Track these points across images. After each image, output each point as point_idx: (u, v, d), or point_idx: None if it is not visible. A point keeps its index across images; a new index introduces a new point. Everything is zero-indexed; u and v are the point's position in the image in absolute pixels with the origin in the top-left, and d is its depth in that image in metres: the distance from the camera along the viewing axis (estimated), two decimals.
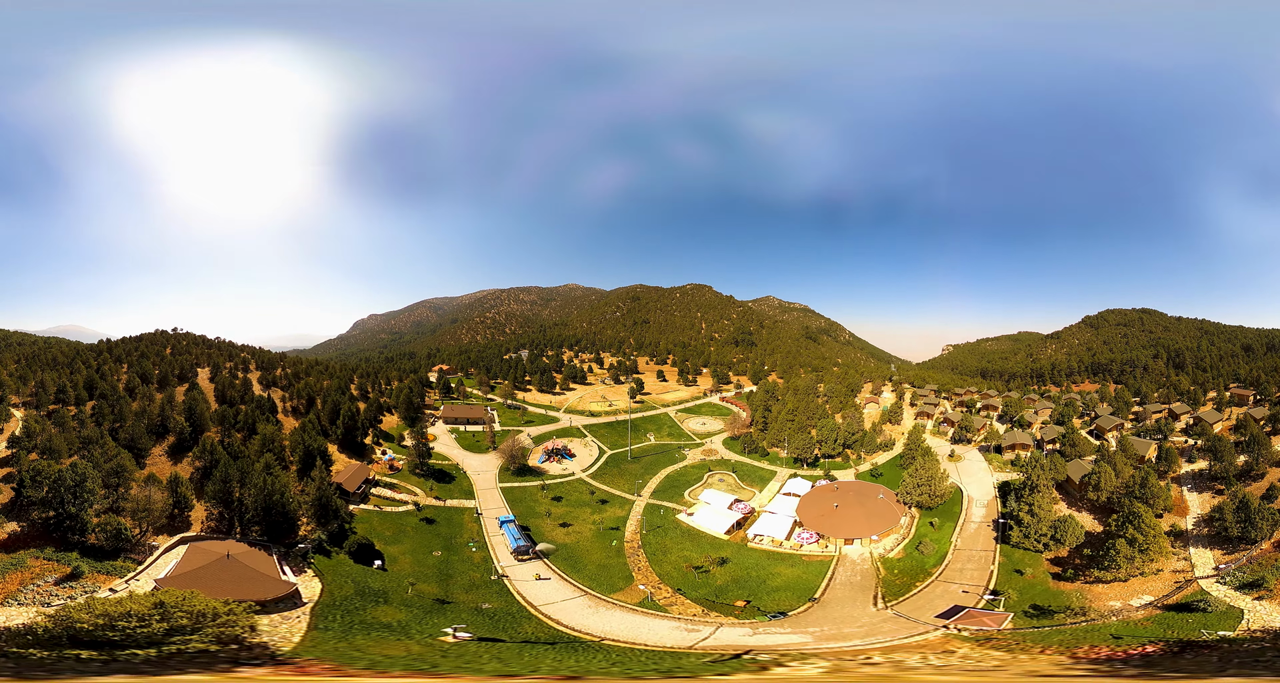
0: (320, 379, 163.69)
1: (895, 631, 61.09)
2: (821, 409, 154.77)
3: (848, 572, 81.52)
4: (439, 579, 76.54)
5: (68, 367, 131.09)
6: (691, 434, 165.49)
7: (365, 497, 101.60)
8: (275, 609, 56.04)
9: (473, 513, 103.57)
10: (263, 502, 74.57)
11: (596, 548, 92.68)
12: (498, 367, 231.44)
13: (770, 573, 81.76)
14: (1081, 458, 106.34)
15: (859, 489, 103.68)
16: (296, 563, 70.85)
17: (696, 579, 79.83)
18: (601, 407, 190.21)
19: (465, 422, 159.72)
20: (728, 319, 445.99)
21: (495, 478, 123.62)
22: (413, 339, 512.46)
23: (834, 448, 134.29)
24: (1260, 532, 69.06)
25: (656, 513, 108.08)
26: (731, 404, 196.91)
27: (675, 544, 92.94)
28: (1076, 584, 69.19)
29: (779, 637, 62.69)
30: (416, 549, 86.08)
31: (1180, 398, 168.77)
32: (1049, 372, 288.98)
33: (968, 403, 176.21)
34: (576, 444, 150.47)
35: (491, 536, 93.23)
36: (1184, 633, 51.12)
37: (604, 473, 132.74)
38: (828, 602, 72.72)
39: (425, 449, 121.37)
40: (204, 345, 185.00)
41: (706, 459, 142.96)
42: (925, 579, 76.49)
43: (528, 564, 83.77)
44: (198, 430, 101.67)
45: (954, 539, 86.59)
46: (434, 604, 66.14)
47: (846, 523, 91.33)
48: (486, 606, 67.73)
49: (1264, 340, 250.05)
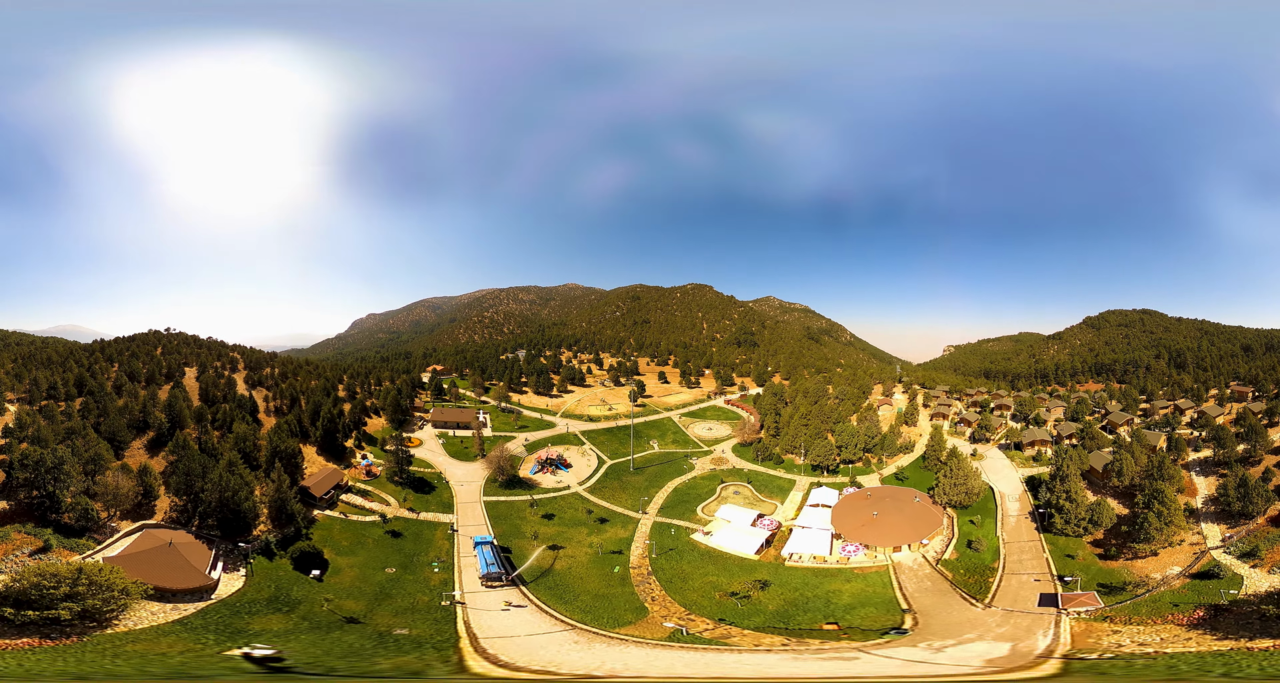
0: (308, 379, 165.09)
1: (1033, 625, 60.66)
2: (836, 413, 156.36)
3: (913, 579, 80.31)
4: (374, 598, 72.30)
5: (61, 365, 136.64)
6: (698, 441, 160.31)
7: (333, 503, 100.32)
8: (181, 599, 61.23)
9: (447, 529, 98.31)
10: (216, 498, 77.69)
11: (593, 575, 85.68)
12: (493, 367, 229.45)
13: (829, 591, 78.28)
14: (1101, 449, 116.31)
15: (893, 494, 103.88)
16: (235, 561, 74.02)
17: (740, 607, 73.56)
18: (601, 411, 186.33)
19: (455, 426, 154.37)
20: (729, 319, 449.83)
21: (480, 490, 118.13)
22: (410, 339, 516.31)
23: (855, 453, 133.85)
24: (1257, 507, 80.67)
25: (666, 533, 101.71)
26: (738, 408, 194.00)
27: (695, 569, 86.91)
28: (1120, 562, 78.42)
29: (954, 651, 55.00)
30: (369, 564, 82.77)
31: (1184, 395, 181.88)
32: (1053, 372, 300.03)
33: (981, 403, 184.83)
34: (573, 453, 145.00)
35: (463, 556, 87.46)
36: (1210, 598, 60.87)
37: (603, 486, 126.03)
38: (922, 611, 70.42)
39: (405, 456, 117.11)
40: (194, 345, 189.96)
41: (717, 469, 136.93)
42: (993, 575, 79.08)
43: (501, 592, 76.71)
44: (177, 427, 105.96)
45: (999, 534, 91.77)
46: (339, 622, 62.33)
47: (891, 530, 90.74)
48: (402, 631, 61.48)
49: (1263, 340, 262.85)
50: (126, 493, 77.61)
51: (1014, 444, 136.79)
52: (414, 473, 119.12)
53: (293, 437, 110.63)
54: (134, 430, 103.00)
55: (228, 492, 78.38)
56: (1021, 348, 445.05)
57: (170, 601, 60.14)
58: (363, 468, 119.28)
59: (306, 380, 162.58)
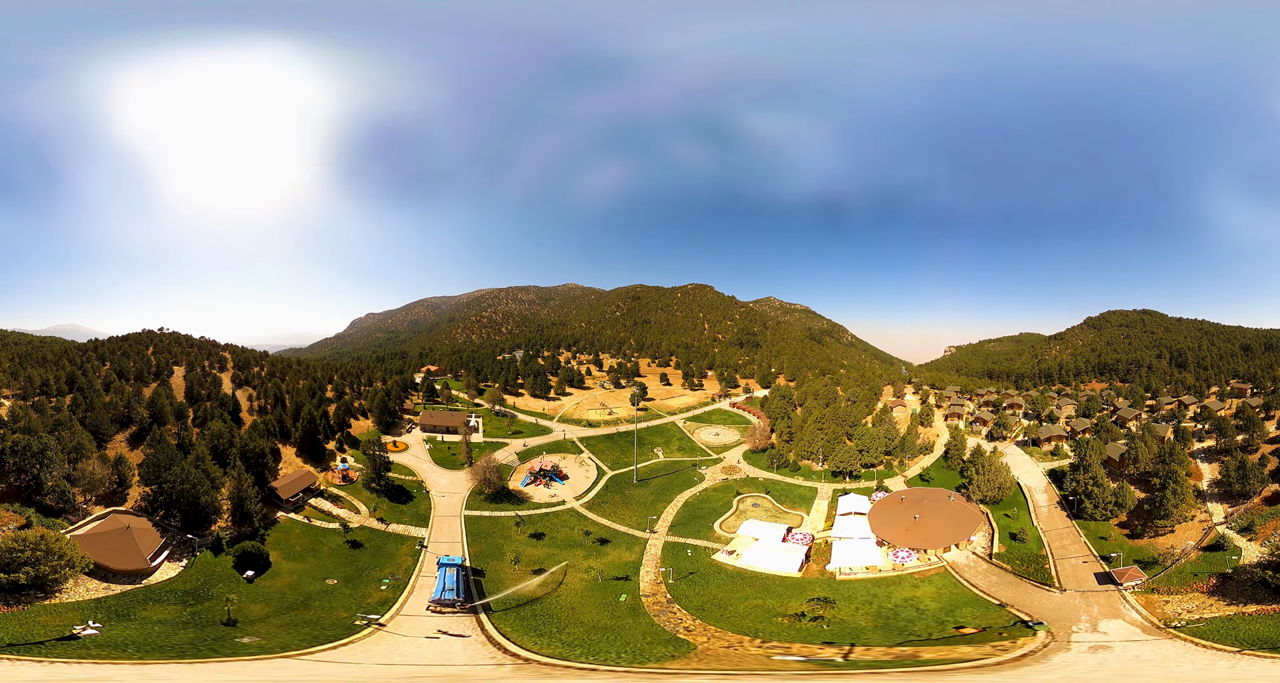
0: (295, 379, 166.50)
1: (1109, 602, 68.87)
2: (851, 416, 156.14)
3: (977, 575, 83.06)
4: (288, 607, 69.89)
5: (55, 364, 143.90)
6: (706, 447, 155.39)
7: (300, 506, 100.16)
8: (118, 580, 68.85)
9: (415, 544, 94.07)
10: (175, 490, 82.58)
11: (590, 605, 77.82)
12: (489, 368, 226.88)
13: (906, 599, 76.60)
14: (1115, 441, 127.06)
15: (926, 496, 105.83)
16: (183, 552, 79.21)
17: (813, 628, 67.67)
18: (600, 415, 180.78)
19: (445, 430, 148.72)
20: (730, 320, 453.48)
21: (462, 503, 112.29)
22: (408, 339, 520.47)
23: (876, 457, 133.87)
24: (1254, 488, 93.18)
25: (682, 554, 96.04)
26: (744, 411, 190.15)
27: (730, 593, 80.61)
28: (1145, 540, 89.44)
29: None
30: (312, 572, 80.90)
31: (1187, 392, 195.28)
32: (1057, 372, 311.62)
33: (994, 403, 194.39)
34: (570, 462, 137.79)
35: (426, 576, 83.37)
36: (1219, 568, 73.09)
37: (604, 502, 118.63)
38: (1012, 603, 73.48)
39: (383, 461, 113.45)
40: (185, 345, 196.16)
41: (730, 479, 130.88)
42: (1046, 563, 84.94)
43: (449, 620, 70.58)
44: (158, 423, 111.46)
45: (1036, 524, 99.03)
46: (217, 626, 60.62)
47: (938, 531, 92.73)
48: (249, 640, 58.03)
49: (1261, 340, 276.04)
50: (100, 480, 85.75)
51: (1031, 440, 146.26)
52: (393, 480, 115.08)
53: (269, 437, 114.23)
54: (117, 425, 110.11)
55: (186, 484, 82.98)
56: (1023, 348, 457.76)
57: (108, 580, 68.12)
58: (339, 472, 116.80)
59: (294, 380, 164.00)
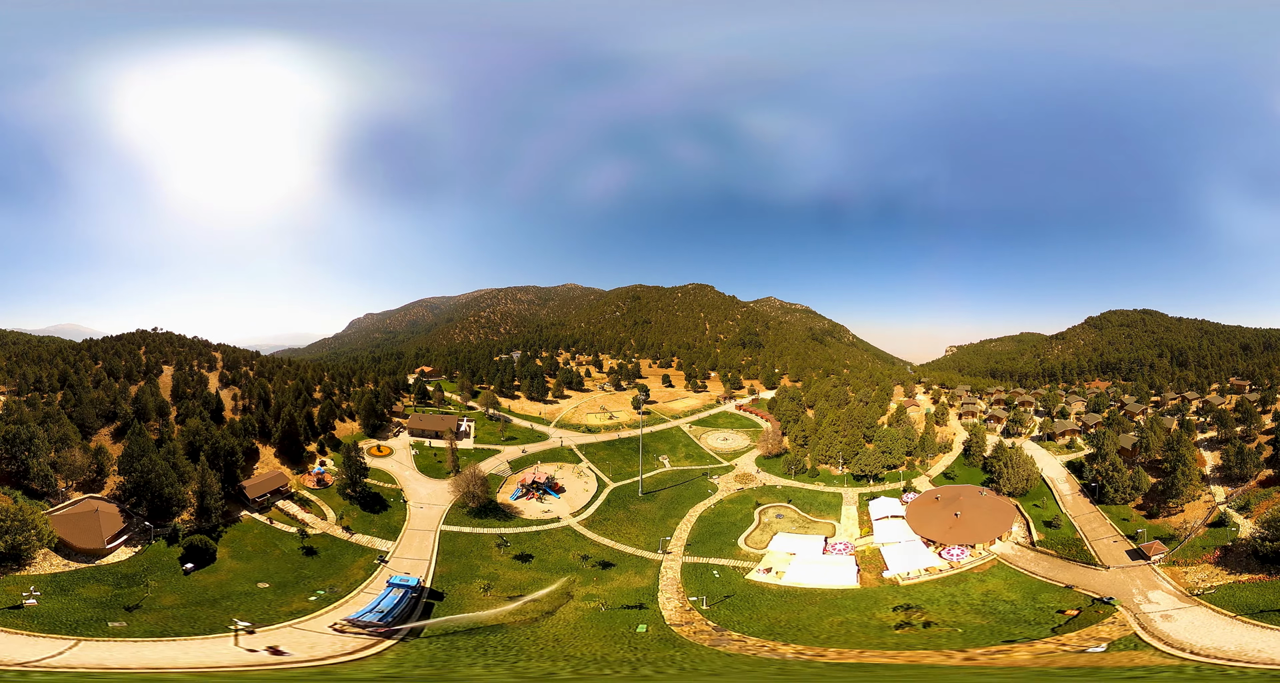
0: (284, 380, 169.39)
1: (1146, 574, 79.79)
2: (867, 417, 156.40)
3: (1030, 562, 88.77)
4: (199, 603, 70.17)
5: (49, 362, 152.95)
6: (714, 454, 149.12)
7: (266, 507, 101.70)
8: (77, 558, 77.56)
9: (374, 558, 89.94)
10: (141, 481, 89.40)
11: (589, 636, 68.37)
12: (485, 369, 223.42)
13: (985, 593, 79.89)
14: (1127, 432, 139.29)
15: (960, 493, 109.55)
16: (140, 539, 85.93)
17: (935, 632, 68.70)
18: (600, 420, 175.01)
19: (433, 435, 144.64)
20: (732, 320, 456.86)
21: (441, 517, 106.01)
22: (406, 339, 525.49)
23: (899, 458, 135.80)
24: (1250, 472, 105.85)
25: (708, 577, 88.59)
26: (751, 413, 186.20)
27: (794, 612, 75.37)
28: (1160, 519, 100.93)
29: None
30: (250, 574, 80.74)
31: (1189, 389, 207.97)
32: (1061, 371, 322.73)
33: (1007, 400, 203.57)
34: (567, 472, 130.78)
35: (369, 593, 78.47)
36: (1221, 541, 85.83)
37: (606, 518, 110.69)
38: (1076, 583, 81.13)
39: (359, 467, 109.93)
40: (177, 344, 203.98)
41: (745, 488, 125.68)
42: (1083, 545, 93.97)
43: (343, 638, 64.96)
44: (142, 419, 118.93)
45: (1064, 511, 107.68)
46: (119, 609, 65.21)
47: (982, 526, 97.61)
48: (118, 624, 61.70)
49: (1260, 340, 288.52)
50: (81, 468, 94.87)
51: (1046, 435, 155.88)
52: (369, 487, 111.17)
53: (248, 436, 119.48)
54: (102, 419, 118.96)
55: (153, 474, 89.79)
56: (1025, 348, 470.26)
57: (70, 558, 76.98)
58: (314, 475, 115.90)
59: (282, 381, 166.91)
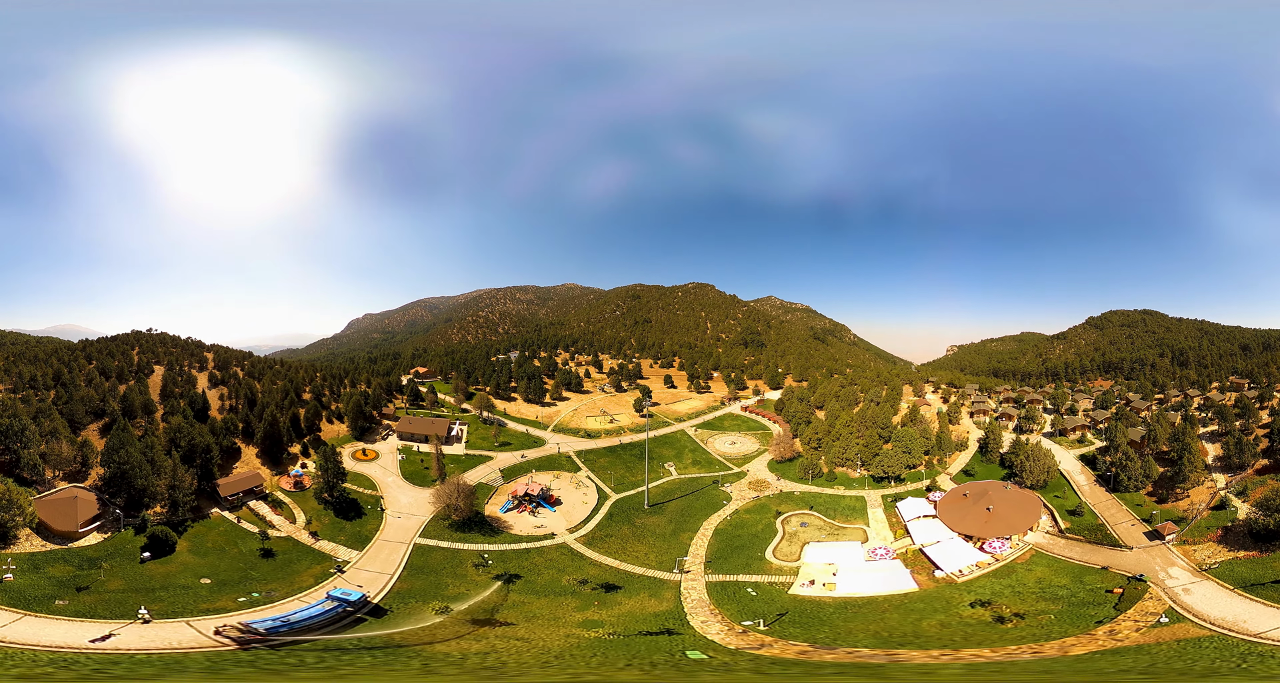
0: (274, 380, 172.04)
1: (1164, 553, 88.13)
2: (881, 417, 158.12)
3: (1065, 549, 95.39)
4: (137, 591, 73.77)
5: (44, 362, 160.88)
6: (724, 460, 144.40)
7: (238, 506, 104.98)
8: (52, 540, 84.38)
9: (331, 567, 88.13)
10: (118, 472, 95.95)
11: (610, 667, 58.67)
12: (482, 370, 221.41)
13: (1038, 580, 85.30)
14: (1134, 426, 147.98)
15: (986, 488, 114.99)
16: (112, 526, 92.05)
17: (1034, 623, 70.63)
18: (600, 423, 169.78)
19: (423, 439, 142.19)
20: (733, 319, 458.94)
21: (419, 528, 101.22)
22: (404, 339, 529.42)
23: (918, 458, 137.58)
24: (1248, 461, 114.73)
25: (742, 595, 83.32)
26: (758, 415, 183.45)
27: (870, 622, 72.69)
28: (1169, 504, 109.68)
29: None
30: (199, 569, 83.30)
31: (1191, 386, 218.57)
32: (1063, 370, 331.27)
33: (1016, 399, 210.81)
34: (565, 482, 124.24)
35: (303, 601, 75.42)
36: (1222, 522, 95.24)
37: (608, 534, 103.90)
38: (1109, 564, 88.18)
39: (337, 471, 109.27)
40: (170, 345, 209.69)
41: (762, 496, 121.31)
42: (1106, 530, 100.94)
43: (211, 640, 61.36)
44: (129, 416, 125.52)
45: (1084, 500, 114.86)
46: (71, 588, 71.03)
47: (1015, 518, 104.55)
48: (62, 602, 67.26)
49: (1260, 340, 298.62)
50: (67, 459, 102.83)
51: (1058, 431, 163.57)
52: (348, 492, 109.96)
53: (227, 435, 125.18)
54: (91, 416, 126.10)
55: (127, 466, 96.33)
56: (1026, 347, 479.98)
57: (49, 539, 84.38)
58: (292, 477, 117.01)
59: (271, 381, 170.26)
